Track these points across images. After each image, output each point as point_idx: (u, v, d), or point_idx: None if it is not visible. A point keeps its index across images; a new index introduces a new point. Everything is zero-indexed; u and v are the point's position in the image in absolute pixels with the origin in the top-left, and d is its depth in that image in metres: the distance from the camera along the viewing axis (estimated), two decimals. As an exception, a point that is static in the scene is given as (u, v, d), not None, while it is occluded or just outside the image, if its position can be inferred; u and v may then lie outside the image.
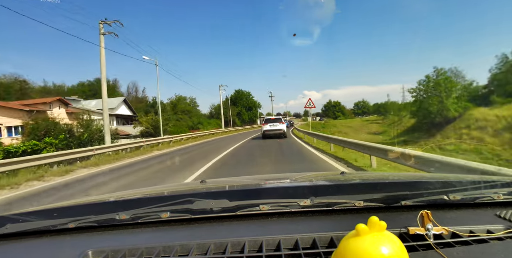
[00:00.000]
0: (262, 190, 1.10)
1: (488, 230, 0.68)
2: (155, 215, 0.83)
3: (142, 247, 0.70)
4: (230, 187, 1.28)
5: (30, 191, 6.18)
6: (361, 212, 0.84)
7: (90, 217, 0.83)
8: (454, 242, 0.63)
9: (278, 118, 17.17)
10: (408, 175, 1.66)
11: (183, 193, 1.06)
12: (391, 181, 1.16)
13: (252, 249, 0.68)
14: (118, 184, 6.27)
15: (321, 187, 1.11)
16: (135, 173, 7.77)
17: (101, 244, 0.74)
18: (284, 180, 1.51)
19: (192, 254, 0.66)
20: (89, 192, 5.55)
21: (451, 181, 0.93)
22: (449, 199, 0.82)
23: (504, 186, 0.88)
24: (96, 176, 7.72)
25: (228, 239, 0.70)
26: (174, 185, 2.23)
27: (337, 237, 0.67)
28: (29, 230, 0.83)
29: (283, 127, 16.62)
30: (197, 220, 0.85)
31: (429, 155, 3.99)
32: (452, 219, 0.76)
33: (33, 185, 6.78)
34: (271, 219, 0.84)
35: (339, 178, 1.31)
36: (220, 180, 2.18)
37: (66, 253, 0.71)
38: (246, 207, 0.83)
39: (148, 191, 1.31)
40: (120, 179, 6.93)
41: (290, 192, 0.99)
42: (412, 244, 0.62)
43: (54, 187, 6.46)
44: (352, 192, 0.88)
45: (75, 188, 6.23)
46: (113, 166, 9.45)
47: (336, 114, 77.49)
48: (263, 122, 17.55)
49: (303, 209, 0.83)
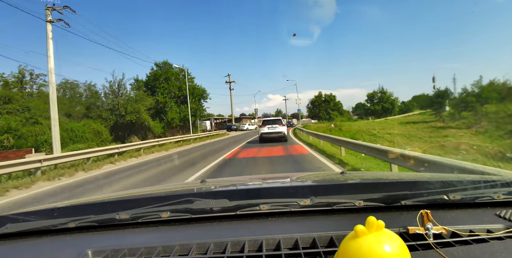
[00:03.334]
0: (262, 190, 1.09)
1: (488, 230, 0.68)
2: (155, 214, 0.83)
3: (142, 247, 0.69)
4: (230, 187, 1.27)
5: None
6: (361, 211, 0.84)
7: (90, 216, 0.83)
8: (454, 241, 0.63)
9: (278, 120, 14.95)
10: (408, 174, 1.67)
11: (183, 193, 1.06)
12: (391, 181, 1.16)
13: (252, 248, 0.68)
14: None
15: (321, 187, 1.11)
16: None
17: (101, 244, 0.73)
18: (284, 179, 1.50)
19: (192, 253, 0.66)
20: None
21: (451, 180, 0.94)
22: (449, 198, 0.82)
23: (504, 186, 0.87)
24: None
25: (228, 239, 0.70)
26: (174, 185, 2.23)
27: (337, 236, 0.67)
28: (29, 230, 0.83)
29: (283, 129, 14.33)
30: (197, 220, 0.84)
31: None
32: (452, 219, 0.76)
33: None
34: (271, 218, 0.84)
35: (339, 178, 1.30)
36: (220, 179, 2.14)
37: (66, 253, 0.71)
38: (246, 206, 0.83)
39: (148, 190, 1.30)
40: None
41: (290, 192, 0.99)
42: (412, 244, 0.62)
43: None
44: (352, 192, 0.88)
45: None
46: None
47: (331, 113, 48.95)
48: (260, 124, 15.33)
49: (303, 208, 0.83)
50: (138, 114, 23.66)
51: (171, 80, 30.95)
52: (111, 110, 23.15)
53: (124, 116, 23.07)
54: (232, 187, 1.27)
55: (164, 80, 30.80)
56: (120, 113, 23.00)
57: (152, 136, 26.07)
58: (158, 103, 28.75)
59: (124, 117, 23.08)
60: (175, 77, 31.22)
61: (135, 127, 24.90)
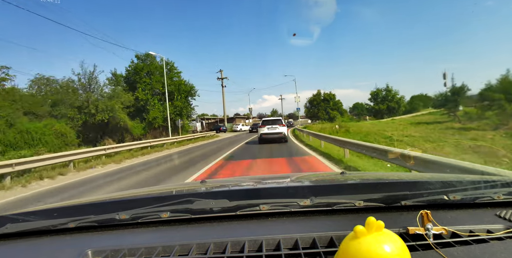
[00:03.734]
0: (262, 190, 1.10)
1: (488, 230, 0.69)
2: (155, 215, 0.83)
3: (142, 247, 0.70)
4: (230, 187, 1.27)
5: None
6: (361, 212, 0.84)
7: (90, 217, 0.83)
8: (454, 242, 0.63)
9: (278, 120, 14.44)
10: (408, 174, 1.70)
11: (183, 193, 1.08)
12: (391, 181, 1.17)
13: (252, 248, 0.68)
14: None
15: (321, 187, 1.13)
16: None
17: (101, 244, 0.74)
18: (284, 179, 1.52)
19: (192, 254, 0.66)
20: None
21: (451, 181, 0.94)
22: (449, 199, 0.82)
23: (504, 186, 0.88)
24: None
25: (228, 239, 0.70)
26: (174, 185, 2.23)
27: (337, 236, 0.67)
28: (29, 230, 0.83)
29: (283, 130, 13.91)
30: (197, 220, 0.85)
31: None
32: (452, 219, 0.76)
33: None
34: (271, 219, 0.84)
35: (339, 178, 1.32)
36: (220, 179, 2.26)
37: (66, 253, 0.71)
38: (246, 207, 0.83)
39: (148, 191, 1.32)
40: None
41: (290, 192, 1.00)
42: (412, 244, 0.62)
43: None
44: (352, 192, 0.89)
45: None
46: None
47: (331, 113, 45.24)
48: (259, 124, 14.84)
49: (303, 209, 0.83)
50: (112, 112, 19.70)
51: (154, 75, 26.30)
52: (79, 108, 19.13)
53: (94, 116, 19.13)
54: (232, 187, 1.27)
55: (147, 74, 26.22)
56: (89, 112, 19.06)
57: (130, 138, 22.18)
58: (138, 101, 24.43)
59: (95, 117, 19.12)
60: (160, 72, 25.38)
61: (108, 128, 20.93)
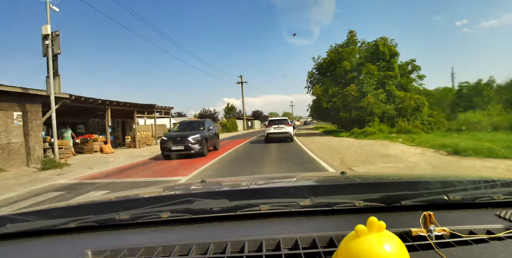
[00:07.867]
0: (262, 190, 1.09)
1: (488, 230, 0.68)
2: (155, 215, 0.83)
3: (142, 247, 0.69)
4: (230, 187, 1.27)
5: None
6: (361, 212, 0.84)
7: (90, 217, 0.83)
8: (454, 242, 0.63)
9: (284, 120, 14.99)
10: (408, 175, 1.71)
11: (183, 193, 1.05)
12: (391, 181, 1.16)
13: (252, 249, 0.68)
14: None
15: (321, 187, 1.11)
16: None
17: (101, 244, 0.73)
18: (284, 179, 1.50)
19: (192, 254, 0.66)
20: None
21: (451, 181, 0.93)
22: (449, 199, 0.82)
23: (504, 186, 0.87)
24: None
25: (228, 239, 0.70)
26: (174, 185, 2.22)
27: (337, 236, 0.67)
28: (29, 230, 0.82)
29: (289, 130, 14.31)
30: (197, 220, 0.84)
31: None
32: (452, 219, 0.75)
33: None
34: (271, 219, 0.84)
35: (339, 178, 1.31)
36: (220, 180, 2.16)
37: (66, 253, 0.71)
38: (246, 207, 0.83)
39: (148, 191, 1.30)
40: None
41: (290, 192, 0.99)
42: (412, 244, 0.62)
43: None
44: (352, 192, 0.88)
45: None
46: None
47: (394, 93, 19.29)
48: (266, 124, 15.37)
49: (303, 209, 0.83)
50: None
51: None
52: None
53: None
54: (232, 187, 1.26)
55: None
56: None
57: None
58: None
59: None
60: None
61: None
